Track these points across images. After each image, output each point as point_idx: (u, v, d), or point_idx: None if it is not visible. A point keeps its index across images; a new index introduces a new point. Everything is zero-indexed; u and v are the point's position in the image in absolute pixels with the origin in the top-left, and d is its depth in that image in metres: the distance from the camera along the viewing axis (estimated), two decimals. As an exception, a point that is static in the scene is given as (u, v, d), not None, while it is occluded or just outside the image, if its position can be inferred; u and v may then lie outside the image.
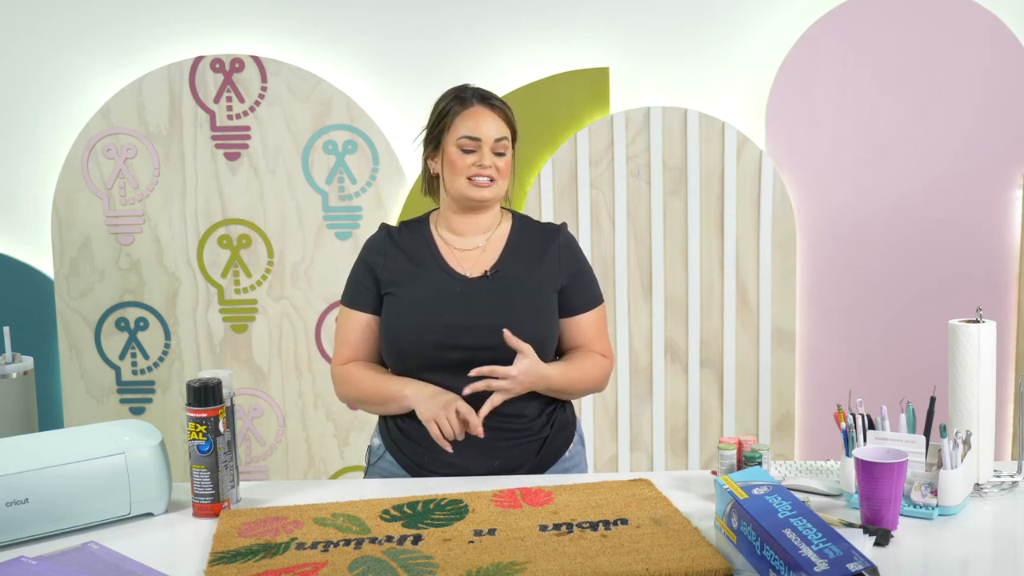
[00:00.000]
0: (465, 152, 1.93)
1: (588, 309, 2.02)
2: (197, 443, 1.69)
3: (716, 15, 3.24)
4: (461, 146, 1.93)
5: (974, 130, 3.21)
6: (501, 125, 1.95)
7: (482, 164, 1.93)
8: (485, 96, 1.97)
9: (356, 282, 2.02)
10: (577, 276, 2.02)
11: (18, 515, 1.57)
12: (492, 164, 1.94)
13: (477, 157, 1.93)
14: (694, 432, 3.31)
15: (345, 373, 1.99)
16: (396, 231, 2.04)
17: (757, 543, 1.38)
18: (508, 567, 1.43)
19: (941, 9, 3.17)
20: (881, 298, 3.28)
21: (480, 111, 1.94)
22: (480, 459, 1.92)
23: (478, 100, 1.95)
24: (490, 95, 1.98)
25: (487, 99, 1.96)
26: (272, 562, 1.48)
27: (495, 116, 1.95)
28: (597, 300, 2.04)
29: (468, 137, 1.93)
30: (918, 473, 1.64)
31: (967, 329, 1.73)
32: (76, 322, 3.31)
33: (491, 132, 1.93)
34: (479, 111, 1.94)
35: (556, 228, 2.04)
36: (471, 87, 1.99)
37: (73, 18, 3.27)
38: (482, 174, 1.93)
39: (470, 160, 1.93)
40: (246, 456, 3.35)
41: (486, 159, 1.93)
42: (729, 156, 3.21)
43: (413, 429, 1.96)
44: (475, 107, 1.94)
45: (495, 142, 1.94)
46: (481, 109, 1.94)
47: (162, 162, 3.26)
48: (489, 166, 1.93)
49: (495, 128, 1.94)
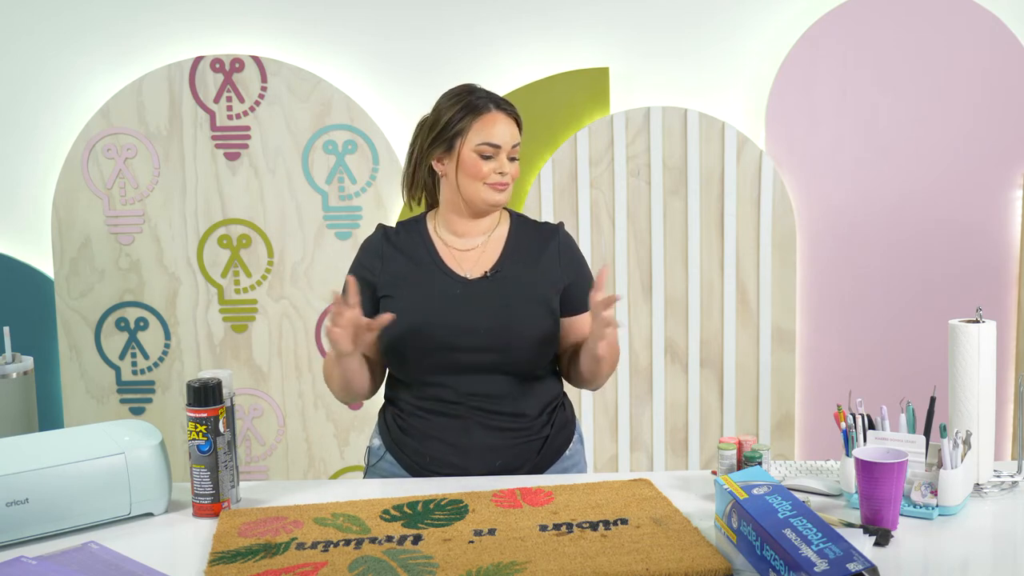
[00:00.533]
0: (484, 158, 1.93)
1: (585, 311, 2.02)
2: (197, 443, 1.69)
3: (716, 15, 3.24)
4: (481, 152, 1.92)
5: (974, 130, 3.21)
6: (515, 131, 1.96)
7: (503, 171, 1.93)
8: (499, 102, 1.96)
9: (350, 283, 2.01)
10: (579, 276, 2.02)
11: (18, 515, 1.57)
12: (509, 171, 1.94)
13: (497, 164, 1.93)
14: (694, 432, 3.31)
15: (323, 366, 2.00)
16: (393, 232, 2.03)
17: (757, 543, 1.38)
18: (508, 567, 1.43)
19: (941, 9, 3.17)
20: (881, 298, 3.28)
21: (497, 116, 1.94)
22: (481, 459, 1.92)
23: (494, 105, 1.95)
24: (502, 100, 1.98)
25: (501, 105, 1.96)
26: (272, 562, 1.48)
27: (510, 122, 1.95)
28: None
29: (489, 144, 1.92)
30: (918, 473, 1.64)
31: (967, 329, 1.73)
32: (76, 322, 3.31)
33: (508, 138, 1.94)
34: (496, 117, 1.93)
35: (554, 228, 2.04)
36: (481, 89, 1.97)
37: (73, 18, 3.27)
38: (502, 182, 1.93)
39: (491, 167, 1.92)
40: (246, 456, 3.35)
41: (506, 166, 1.93)
42: (729, 156, 3.21)
43: (414, 430, 1.96)
44: (492, 112, 1.94)
45: (511, 148, 1.95)
46: (498, 115, 1.94)
47: (162, 162, 3.26)
48: (507, 173, 1.94)
49: (511, 134, 1.94)
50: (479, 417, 1.92)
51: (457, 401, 1.92)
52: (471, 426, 1.93)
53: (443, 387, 1.92)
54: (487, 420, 1.92)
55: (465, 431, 1.93)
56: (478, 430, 1.92)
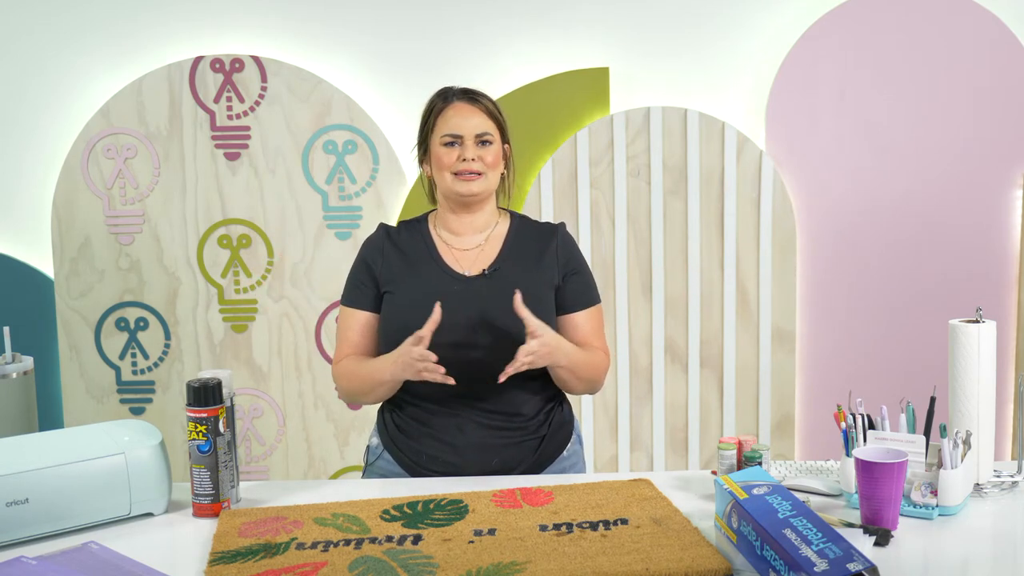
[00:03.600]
0: (447, 147, 1.95)
1: (584, 308, 2.01)
2: (197, 443, 1.69)
3: (716, 15, 3.24)
4: (444, 143, 1.95)
5: (974, 130, 3.21)
6: (483, 119, 1.96)
7: (464, 157, 1.93)
8: (466, 91, 1.99)
9: (355, 281, 2.03)
10: (574, 274, 2.02)
11: (18, 515, 1.57)
12: (476, 157, 1.94)
13: (460, 151, 1.94)
14: (694, 432, 3.31)
15: (340, 369, 2.00)
16: (395, 231, 2.05)
17: (757, 543, 1.38)
18: (508, 567, 1.43)
19: (941, 9, 3.17)
20: (881, 298, 3.28)
21: (460, 107, 1.96)
22: (478, 458, 1.92)
23: (458, 97, 1.97)
24: (472, 91, 1.99)
25: (468, 94, 1.98)
26: (272, 562, 1.48)
27: (476, 110, 1.96)
28: (593, 300, 2.04)
29: (449, 135, 1.94)
30: (918, 473, 1.64)
31: (967, 329, 1.73)
32: (76, 322, 3.31)
33: (472, 126, 1.94)
34: (459, 107, 1.96)
35: (554, 227, 2.05)
36: (455, 87, 2.00)
37: (73, 18, 3.27)
38: (467, 169, 1.93)
39: (454, 155, 1.94)
40: (246, 456, 3.35)
41: (468, 152, 1.94)
42: (729, 156, 3.21)
43: (411, 428, 1.96)
44: (455, 104, 1.96)
45: (476, 136, 1.95)
46: (461, 105, 1.96)
47: (162, 162, 3.26)
48: (472, 159, 1.94)
49: (477, 122, 1.95)
50: (474, 415, 1.93)
51: (453, 399, 1.92)
52: (466, 424, 1.93)
53: (438, 385, 1.90)
54: (482, 418, 1.92)
55: (460, 429, 1.93)
56: (474, 428, 1.93)
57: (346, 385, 2.00)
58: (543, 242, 2.02)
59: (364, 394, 1.98)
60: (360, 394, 1.99)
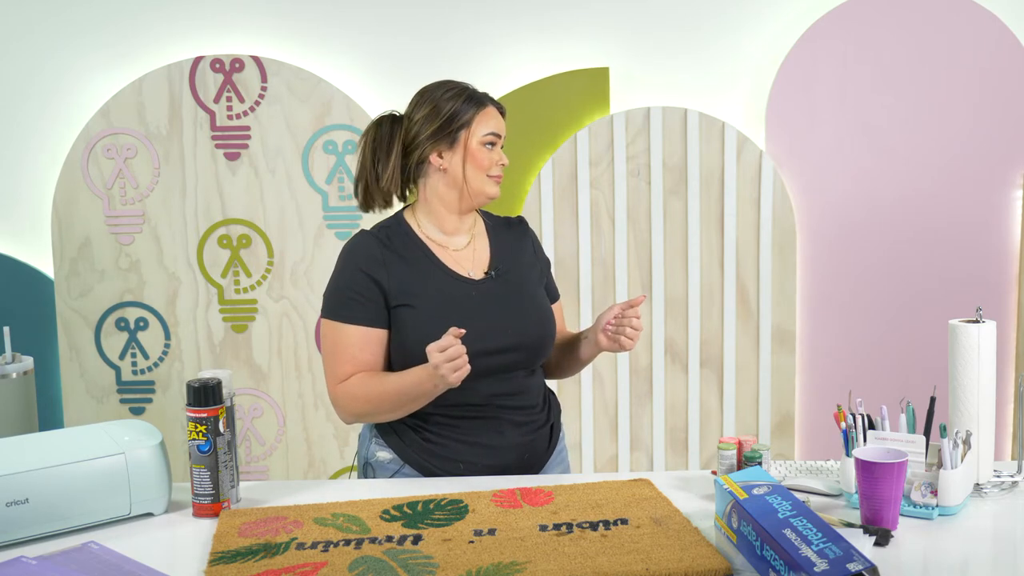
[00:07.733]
0: (489, 148, 1.95)
1: (556, 300, 2.10)
2: (197, 443, 1.69)
3: (716, 15, 3.24)
4: (486, 142, 1.94)
5: (974, 130, 3.21)
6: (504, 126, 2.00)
7: (503, 162, 1.97)
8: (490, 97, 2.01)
9: (351, 295, 1.89)
10: (547, 267, 2.10)
11: (18, 515, 1.57)
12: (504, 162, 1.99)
13: (499, 155, 1.96)
14: (694, 432, 3.31)
15: (348, 389, 1.87)
16: (385, 238, 1.94)
17: (757, 543, 1.38)
18: (508, 567, 1.43)
19: (941, 9, 3.17)
20: (881, 298, 3.28)
21: (494, 111, 1.97)
22: (515, 456, 1.93)
23: (489, 100, 1.98)
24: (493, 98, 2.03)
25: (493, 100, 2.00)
26: (272, 562, 1.48)
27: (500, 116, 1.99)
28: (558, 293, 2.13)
29: (494, 134, 1.94)
30: (918, 473, 1.64)
31: (967, 329, 1.73)
32: (76, 322, 3.31)
33: (504, 131, 1.98)
34: (494, 111, 1.97)
35: (521, 219, 2.10)
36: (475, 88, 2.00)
37: (73, 18, 3.27)
38: (500, 174, 1.96)
39: (495, 157, 1.95)
40: (246, 456, 3.35)
41: (503, 156, 1.97)
42: (729, 156, 3.21)
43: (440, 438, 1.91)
44: (490, 107, 1.97)
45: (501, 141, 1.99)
46: (493, 109, 1.97)
47: (162, 162, 3.26)
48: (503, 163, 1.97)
49: (503, 129, 1.99)
50: (508, 415, 1.93)
51: (484, 403, 1.91)
52: (503, 426, 1.92)
53: (468, 391, 1.86)
54: (515, 417, 1.93)
55: (499, 432, 1.92)
56: (510, 429, 1.93)
57: (360, 407, 1.87)
58: (519, 237, 2.06)
59: (387, 412, 1.87)
60: (380, 413, 1.87)
